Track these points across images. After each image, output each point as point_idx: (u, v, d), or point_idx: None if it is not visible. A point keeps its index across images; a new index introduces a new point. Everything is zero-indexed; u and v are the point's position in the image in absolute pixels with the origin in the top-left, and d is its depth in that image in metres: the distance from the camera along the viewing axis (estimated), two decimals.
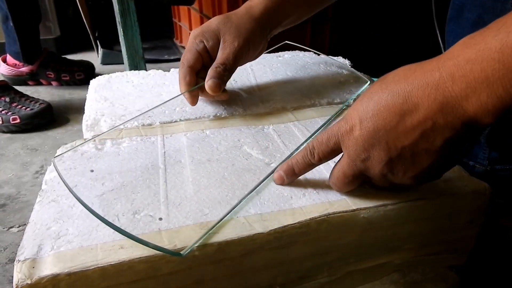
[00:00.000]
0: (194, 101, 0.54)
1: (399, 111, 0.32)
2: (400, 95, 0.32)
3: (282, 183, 0.40)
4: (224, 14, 0.55)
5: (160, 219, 0.36)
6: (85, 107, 0.57)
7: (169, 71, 0.68)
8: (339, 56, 0.77)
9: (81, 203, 0.36)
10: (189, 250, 0.33)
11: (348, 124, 0.35)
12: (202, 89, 0.52)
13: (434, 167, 0.34)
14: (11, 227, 0.74)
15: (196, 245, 0.33)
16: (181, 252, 0.32)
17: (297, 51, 0.78)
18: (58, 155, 0.44)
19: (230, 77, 0.54)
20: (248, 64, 0.70)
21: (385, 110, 0.32)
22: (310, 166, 0.39)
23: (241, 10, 0.56)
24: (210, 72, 0.51)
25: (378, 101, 0.33)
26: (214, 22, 0.54)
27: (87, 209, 0.35)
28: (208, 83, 0.51)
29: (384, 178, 0.36)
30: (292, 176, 0.40)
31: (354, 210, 0.38)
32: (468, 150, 0.33)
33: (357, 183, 0.38)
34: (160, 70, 0.68)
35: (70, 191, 0.38)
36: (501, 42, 0.27)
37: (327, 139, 0.37)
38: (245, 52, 0.54)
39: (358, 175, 0.37)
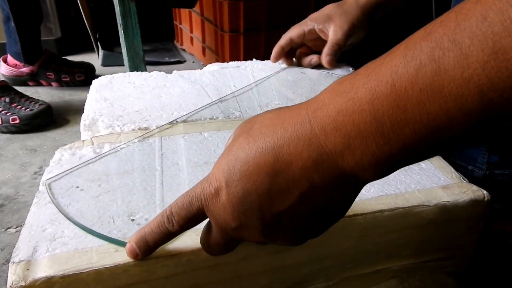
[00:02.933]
0: (274, 60, 0.73)
1: (270, 171, 0.26)
2: (270, 152, 0.27)
3: (135, 257, 0.32)
4: (337, 3, 0.70)
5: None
6: (85, 107, 0.57)
7: (171, 73, 0.68)
8: (343, 62, 0.77)
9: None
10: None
11: (212, 186, 0.29)
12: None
13: (316, 228, 0.30)
14: (9, 228, 0.74)
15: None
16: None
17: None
18: (51, 178, 0.41)
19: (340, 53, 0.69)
20: (250, 70, 0.70)
21: (255, 170, 0.27)
22: (169, 236, 0.31)
23: None
24: (327, 50, 0.68)
25: (245, 159, 0.27)
26: (328, 8, 0.70)
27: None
28: (326, 58, 0.68)
29: (262, 243, 0.31)
30: (146, 250, 0.32)
31: (350, 216, 0.38)
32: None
33: (235, 246, 0.32)
34: (162, 72, 0.68)
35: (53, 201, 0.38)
36: (371, 92, 0.23)
37: (189, 203, 0.30)
38: (351, 35, 0.67)
39: (233, 242, 0.31)
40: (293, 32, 0.71)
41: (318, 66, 0.74)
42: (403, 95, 0.22)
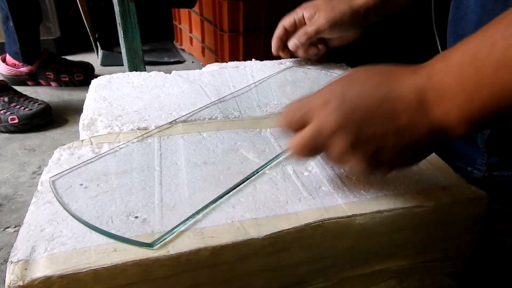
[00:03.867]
0: (276, 52, 0.74)
1: (380, 100, 0.33)
2: (383, 88, 0.34)
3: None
4: None
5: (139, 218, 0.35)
6: (84, 107, 0.57)
7: (170, 73, 0.68)
8: (342, 62, 0.77)
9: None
10: (161, 241, 0.33)
11: (321, 99, 0.35)
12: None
13: (389, 164, 0.35)
14: (7, 228, 0.74)
15: (168, 237, 0.33)
16: (150, 242, 0.33)
17: (299, 58, 0.78)
18: (54, 175, 0.41)
19: (308, 43, 0.70)
20: (249, 70, 0.70)
21: (368, 96, 0.34)
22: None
23: None
24: (295, 34, 0.70)
25: (362, 87, 0.34)
26: (319, 1, 0.70)
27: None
28: (289, 41, 0.71)
29: (340, 158, 0.35)
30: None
31: (349, 216, 0.38)
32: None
33: (315, 154, 0.38)
34: (161, 72, 0.68)
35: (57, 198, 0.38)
36: (459, 60, 0.31)
37: (297, 108, 0.37)
38: (330, 29, 0.68)
39: (319, 147, 0.36)
40: (285, 22, 0.72)
41: (318, 65, 0.74)
42: (482, 65, 0.29)
